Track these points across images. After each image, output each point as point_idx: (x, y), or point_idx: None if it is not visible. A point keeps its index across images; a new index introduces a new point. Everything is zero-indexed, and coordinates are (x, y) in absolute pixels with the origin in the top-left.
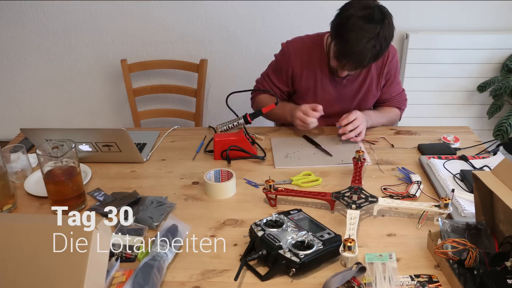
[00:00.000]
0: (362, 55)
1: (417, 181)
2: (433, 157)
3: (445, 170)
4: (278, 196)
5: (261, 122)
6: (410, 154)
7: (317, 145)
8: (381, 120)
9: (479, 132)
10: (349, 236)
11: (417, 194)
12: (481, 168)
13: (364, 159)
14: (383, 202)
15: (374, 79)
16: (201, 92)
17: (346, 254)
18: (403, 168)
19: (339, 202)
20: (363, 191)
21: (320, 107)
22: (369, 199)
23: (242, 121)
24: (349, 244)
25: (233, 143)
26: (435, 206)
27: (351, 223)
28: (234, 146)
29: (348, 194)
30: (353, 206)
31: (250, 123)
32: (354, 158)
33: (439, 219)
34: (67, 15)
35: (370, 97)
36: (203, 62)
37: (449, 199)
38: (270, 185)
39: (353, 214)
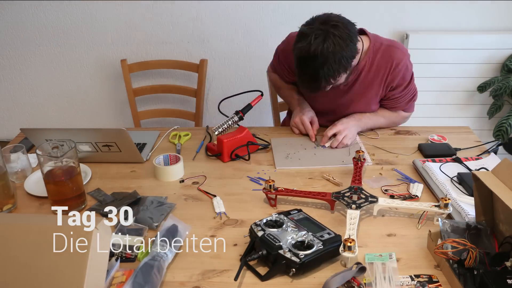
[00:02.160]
0: (318, 83)
1: (417, 182)
2: (427, 161)
3: (441, 173)
4: (278, 196)
5: (261, 122)
6: (409, 154)
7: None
8: (379, 121)
9: (479, 132)
10: (349, 236)
11: (419, 194)
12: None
13: (364, 159)
14: (383, 202)
15: (374, 86)
16: (201, 92)
17: (346, 254)
18: (395, 169)
19: (339, 202)
20: (363, 191)
21: (316, 125)
22: (369, 199)
23: (236, 118)
24: (349, 244)
25: (242, 140)
26: (435, 206)
27: (351, 223)
28: (245, 143)
29: (348, 194)
30: (353, 206)
31: (243, 119)
32: (354, 158)
33: (439, 219)
34: (67, 15)
35: (368, 103)
36: (203, 62)
37: (449, 199)
38: (270, 185)
39: (353, 214)
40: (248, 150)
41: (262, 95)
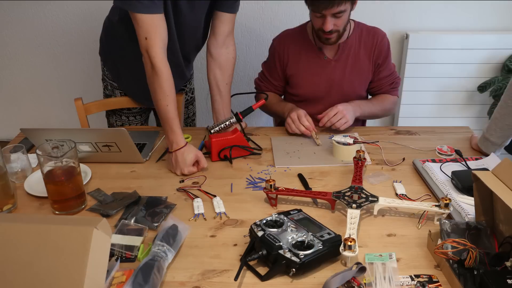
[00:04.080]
0: None
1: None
2: (427, 161)
3: (441, 173)
4: (278, 196)
5: (261, 122)
6: (409, 154)
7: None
8: (374, 108)
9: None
10: (350, 235)
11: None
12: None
13: (364, 158)
14: (384, 202)
15: (364, 62)
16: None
17: (347, 253)
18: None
19: (339, 202)
20: (363, 191)
21: (310, 120)
22: (370, 198)
23: (234, 120)
24: (349, 243)
25: (232, 142)
26: (436, 206)
27: (351, 222)
28: (232, 145)
29: (348, 193)
30: (354, 205)
31: (242, 121)
32: (354, 157)
33: (440, 219)
34: (67, 15)
35: (361, 80)
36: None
37: (449, 199)
38: (271, 185)
39: (353, 214)
40: (230, 154)
41: (266, 99)
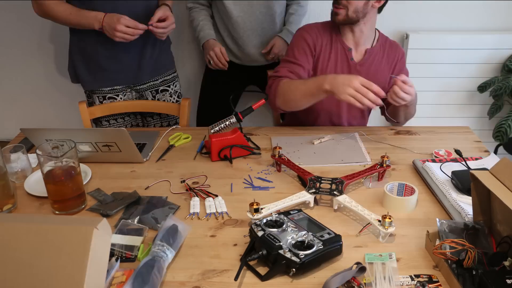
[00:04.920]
0: None
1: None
2: (427, 161)
3: (441, 173)
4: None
5: (261, 122)
6: (409, 154)
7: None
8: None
9: (479, 132)
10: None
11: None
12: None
13: (388, 165)
14: (343, 200)
15: (385, 72)
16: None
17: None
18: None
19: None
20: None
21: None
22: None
23: (234, 120)
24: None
25: (232, 141)
26: (379, 221)
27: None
28: (232, 145)
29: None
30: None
31: (242, 121)
32: (377, 163)
33: (437, 219)
34: None
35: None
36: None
37: (390, 218)
38: (278, 151)
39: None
40: (231, 154)
41: (266, 99)
